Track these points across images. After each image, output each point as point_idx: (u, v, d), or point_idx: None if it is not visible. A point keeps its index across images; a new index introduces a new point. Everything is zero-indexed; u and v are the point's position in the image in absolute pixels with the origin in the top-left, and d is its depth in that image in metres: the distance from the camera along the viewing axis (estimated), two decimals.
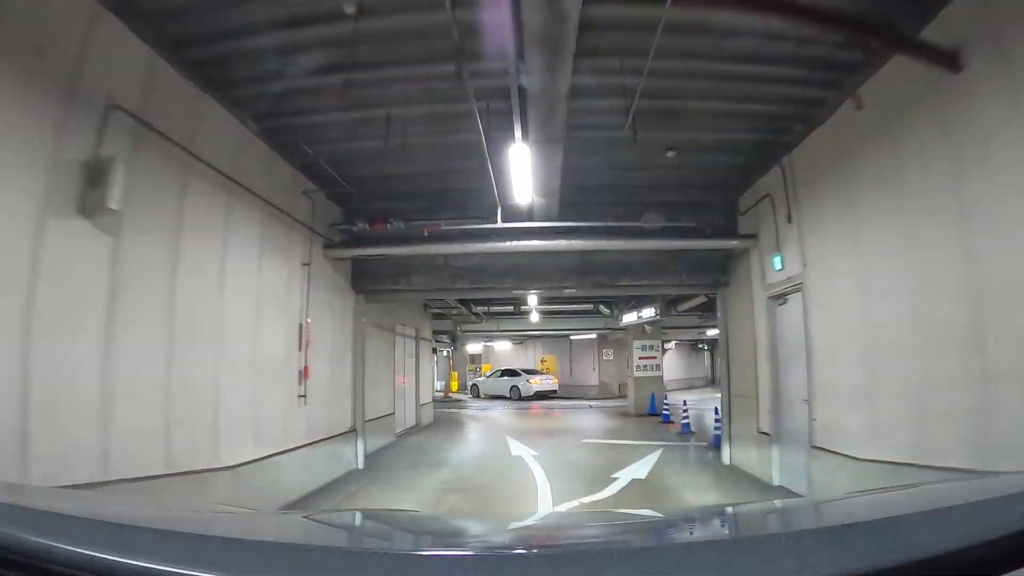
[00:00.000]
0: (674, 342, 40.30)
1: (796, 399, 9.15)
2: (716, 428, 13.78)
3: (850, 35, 6.16)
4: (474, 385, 36.60)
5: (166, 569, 1.06)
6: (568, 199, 10.40)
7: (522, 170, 8.32)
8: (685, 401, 20.20)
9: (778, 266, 9.68)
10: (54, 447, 4.80)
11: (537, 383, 33.45)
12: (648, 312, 22.21)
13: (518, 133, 7.36)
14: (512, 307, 25.85)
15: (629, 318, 24.12)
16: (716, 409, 13.96)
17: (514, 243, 10.91)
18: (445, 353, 39.84)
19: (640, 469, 11.77)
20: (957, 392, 5.48)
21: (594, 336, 34.18)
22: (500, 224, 10.52)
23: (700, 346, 45.18)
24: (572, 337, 35.39)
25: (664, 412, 21.59)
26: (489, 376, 36.24)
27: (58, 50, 4.99)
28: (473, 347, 42.66)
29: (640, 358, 24.81)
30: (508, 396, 33.13)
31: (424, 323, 21.82)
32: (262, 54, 6.61)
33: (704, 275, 12.63)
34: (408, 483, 10.95)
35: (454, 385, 38.38)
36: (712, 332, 29.05)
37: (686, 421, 18.20)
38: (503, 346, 41.40)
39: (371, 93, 7.61)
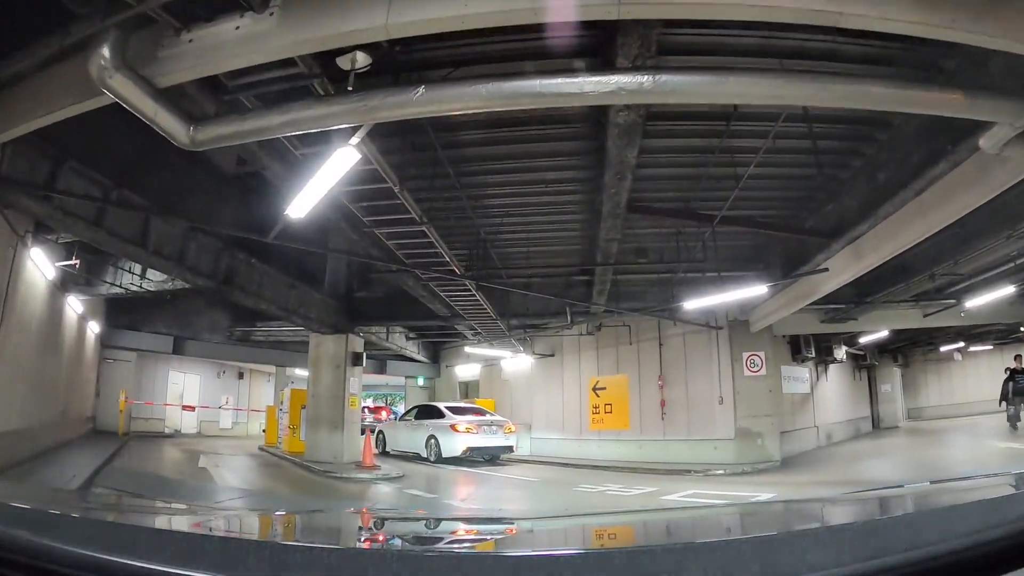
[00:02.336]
0: (844, 352, 23.35)
1: None
2: None
3: None
4: (379, 434, 21.04)
5: (166, 569, 1.09)
6: None
7: None
8: None
9: None
10: None
11: (469, 431, 17.58)
12: None
13: None
14: None
15: None
16: None
17: None
18: (421, 382, 31.00)
19: None
20: None
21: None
22: None
23: (863, 365, 28.53)
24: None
25: None
26: (402, 418, 22.42)
27: None
28: (465, 370, 27.42)
29: None
30: (425, 456, 18.23)
31: None
32: None
33: None
34: None
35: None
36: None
37: None
38: (517, 365, 23.49)
39: None
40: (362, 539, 1.99)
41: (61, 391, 15.06)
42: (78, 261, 11.81)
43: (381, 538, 2.00)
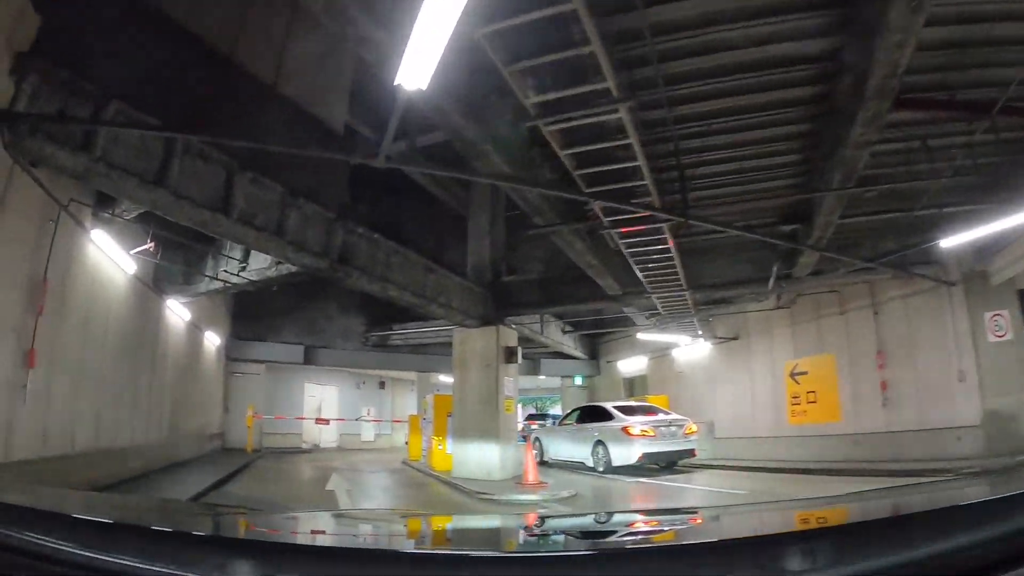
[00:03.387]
0: None
1: None
2: None
3: None
4: (536, 441, 18.13)
5: (165, 569, 1.08)
6: None
7: None
8: None
9: None
10: None
11: (645, 435, 14.44)
12: None
13: None
14: None
15: None
16: None
17: None
18: (578, 381, 27.71)
19: None
20: None
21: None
22: None
23: None
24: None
25: None
26: (561, 423, 19.27)
27: None
28: (629, 364, 24.12)
29: None
30: (591, 466, 15.38)
31: None
32: None
33: None
34: None
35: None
36: None
37: None
38: (692, 353, 20.40)
39: None
40: (361, 539, 1.94)
41: (167, 406, 13.37)
42: (153, 243, 9.49)
43: (380, 538, 1.97)
